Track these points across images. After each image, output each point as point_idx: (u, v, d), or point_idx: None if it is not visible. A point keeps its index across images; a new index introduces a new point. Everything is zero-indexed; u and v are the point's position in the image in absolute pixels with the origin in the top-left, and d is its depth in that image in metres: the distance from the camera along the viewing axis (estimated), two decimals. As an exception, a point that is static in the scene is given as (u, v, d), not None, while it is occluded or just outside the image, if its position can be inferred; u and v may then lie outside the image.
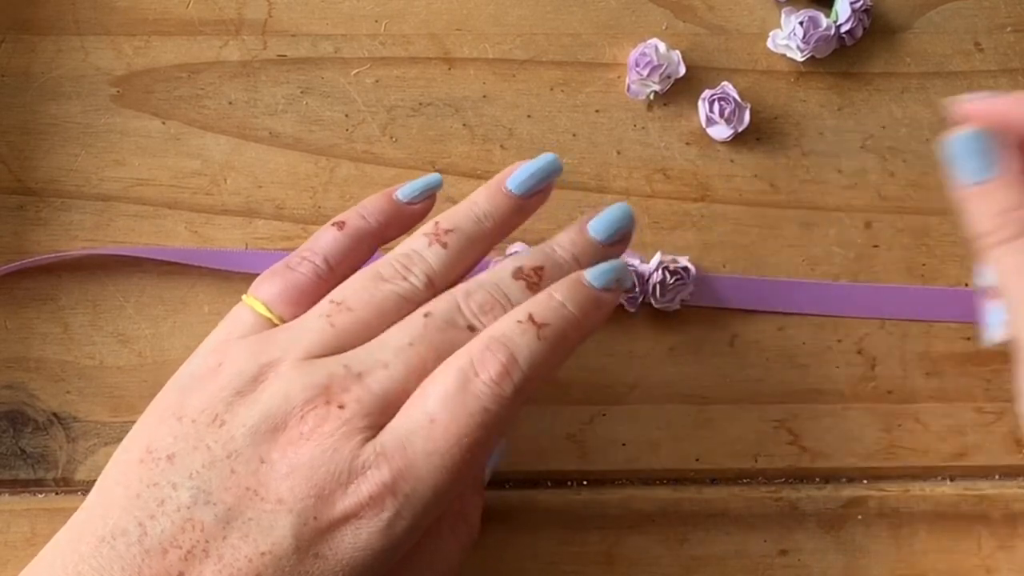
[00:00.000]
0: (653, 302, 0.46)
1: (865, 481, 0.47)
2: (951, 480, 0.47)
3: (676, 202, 0.48)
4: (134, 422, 0.45)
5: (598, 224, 0.41)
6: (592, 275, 0.39)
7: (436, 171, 0.47)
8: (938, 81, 0.49)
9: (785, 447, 0.47)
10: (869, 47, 0.49)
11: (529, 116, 0.48)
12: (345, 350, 0.38)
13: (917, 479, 0.47)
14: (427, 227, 0.40)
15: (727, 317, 0.47)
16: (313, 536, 0.35)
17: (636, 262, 0.46)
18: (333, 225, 0.41)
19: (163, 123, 0.47)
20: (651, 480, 0.47)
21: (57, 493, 0.46)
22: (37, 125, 0.47)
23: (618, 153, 0.48)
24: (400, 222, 0.41)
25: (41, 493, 0.46)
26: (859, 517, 0.47)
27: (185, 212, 0.47)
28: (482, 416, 0.36)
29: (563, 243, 0.40)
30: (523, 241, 0.47)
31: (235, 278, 0.47)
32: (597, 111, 0.48)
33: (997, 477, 0.47)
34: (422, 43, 0.48)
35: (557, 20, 0.49)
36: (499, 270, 0.39)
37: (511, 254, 0.46)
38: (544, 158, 0.41)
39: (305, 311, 0.39)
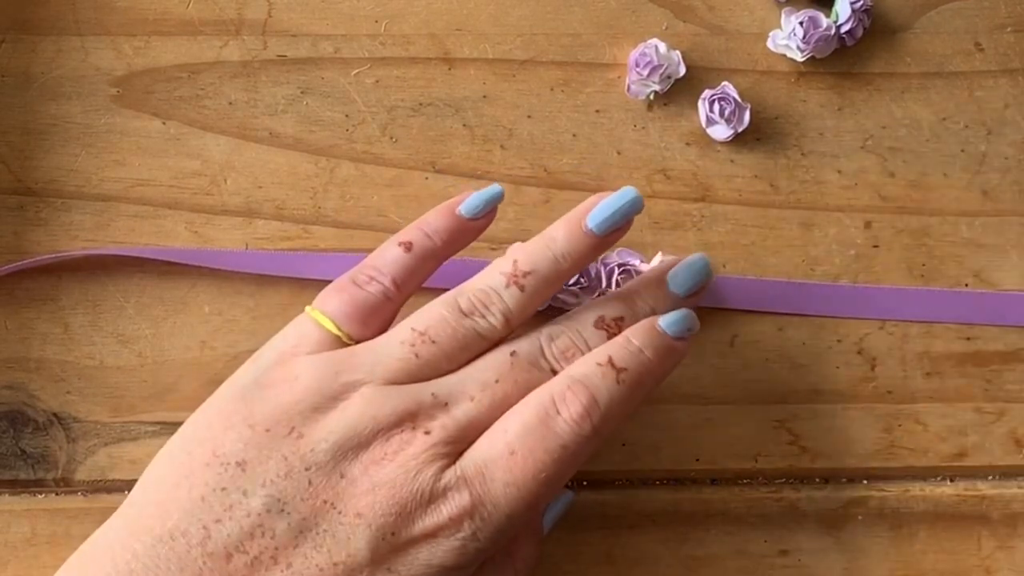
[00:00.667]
0: (653, 302, 0.46)
1: (865, 481, 0.47)
2: (951, 480, 0.47)
3: (676, 202, 0.48)
4: (134, 422, 0.46)
5: (679, 278, 0.42)
6: (667, 324, 0.40)
7: (436, 171, 0.47)
8: (938, 81, 0.49)
9: (785, 447, 0.47)
10: (869, 47, 0.49)
11: (529, 116, 0.48)
12: (424, 379, 0.39)
13: (917, 479, 0.47)
14: (506, 265, 0.41)
15: (727, 317, 0.47)
16: (389, 551, 0.37)
17: (636, 262, 0.46)
18: (400, 244, 0.41)
19: (163, 123, 0.47)
20: (651, 480, 0.47)
21: (57, 493, 0.46)
22: (37, 125, 0.47)
23: (618, 153, 0.48)
24: (464, 238, 0.42)
25: (41, 493, 0.46)
26: (859, 517, 0.47)
27: (185, 212, 0.47)
28: (560, 453, 0.38)
29: (644, 296, 0.42)
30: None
31: (235, 278, 0.47)
32: (597, 111, 0.48)
33: (997, 477, 0.47)
34: (422, 43, 0.48)
35: (557, 20, 0.49)
36: (582, 316, 0.41)
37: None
38: (625, 194, 0.41)
39: (373, 330, 0.40)
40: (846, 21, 0.48)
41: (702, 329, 0.47)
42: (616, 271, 0.46)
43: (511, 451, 0.38)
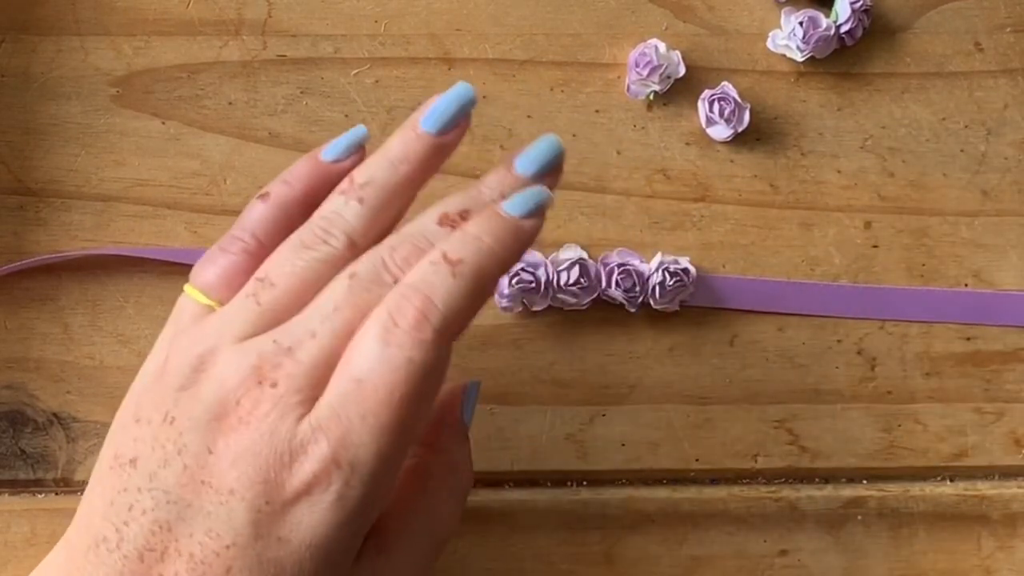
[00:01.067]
0: (652, 303, 0.46)
1: (865, 481, 0.47)
2: (951, 480, 0.47)
3: (676, 202, 0.48)
4: (134, 422, 0.46)
5: (525, 161, 0.39)
6: (509, 205, 0.37)
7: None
8: (938, 81, 0.49)
9: (785, 447, 0.47)
10: (869, 47, 0.49)
11: (529, 116, 0.48)
12: (275, 326, 0.36)
13: (917, 479, 0.47)
14: (343, 183, 0.38)
15: (727, 317, 0.47)
16: (270, 521, 0.35)
17: (636, 262, 0.46)
18: (258, 198, 0.39)
19: (163, 123, 0.47)
20: (651, 480, 0.47)
21: (57, 493, 0.46)
22: (37, 125, 0.47)
23: (618, 153, 0.48)
24: (329, 183, 0.39)
25: (41, 493, 0.46)
26: (859, 517, 0.47)
27: (185, 212, 0.47)
28: (407, 367, 0.35)
29: (490, 183, 0.38)
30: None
31: (235, 278, 0.46)
32: (597, 111, 0.48)
33: (997, 477, 0.47)
34: (422, 43, 0.48)
35: (557, 20, 0.49)
36: (424, 217, 0.38)
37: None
38: (455, 88, 0.39)
39: None
40: (846, 21, 0.48)
41: (702, 329, 0.47)
42: (616, 271, 0.46)
43: (357, 380, 0.35)
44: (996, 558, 0.47)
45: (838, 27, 0.48)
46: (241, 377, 0.36)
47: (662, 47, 0.48)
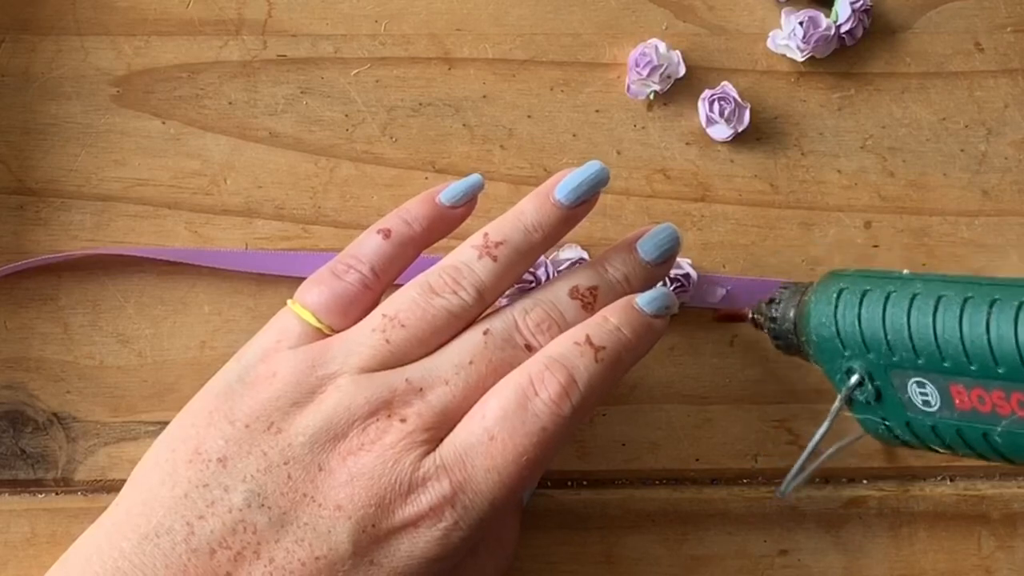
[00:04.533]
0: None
1: (865, 481, 0.47)
2: (951, 480, 0.47)
3: (676, 202, 0.48)
4: (134, 422, 0.46)
5: (647, 245, 0.42)
6: (643, 301, 0.40)
7: (436, 171, 0.47)
8: (938, 81, 0.49)
9: (785, 447, 0.47)
10: (869, 47, 0.49)
11: (529, 116, 0.48)
12: (399, 364, 0.39)
13: (917, 479, 0.47)
14: (476, 239, 0.40)
15: (727, 317, 0.47)
16: (370, 543, 0.37)
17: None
18: (378, 232, 0.41)
19: (163, 123, 0.47)
20: (651, 480, 0.47)
21: (57, 493, 0.46)
22: (37, 125, 0.47)
23: (618, 153, 0.48)
24: (443, 226, 0.42)
25: (41, 493, 0.46)
26: (859, 517, 0.47)
27: (185, 212, 0.47)
28: (540, 435, 0.38)
29: (614, 263, 0.41)
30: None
31: (235, 278, 0.47)
32: (597, 111, 0.48)
33: (997, 477, 0.47)
34: (422, 43, 0.48)
35: (557, 20, 0.49)
36: (554, 288, 0.40)
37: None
38: (591, 167, 0.41)
39: (353, 320, 0.40)
40: (846, 21, 0.48)
41: (702, 329, 0.47)
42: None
43: (490, 436, 0.37)
44: (996, 558, 0.47)
45: (838, 27, 0.48)
46: (371, 406, 0.38)
47: (662, 47, 0.48)
